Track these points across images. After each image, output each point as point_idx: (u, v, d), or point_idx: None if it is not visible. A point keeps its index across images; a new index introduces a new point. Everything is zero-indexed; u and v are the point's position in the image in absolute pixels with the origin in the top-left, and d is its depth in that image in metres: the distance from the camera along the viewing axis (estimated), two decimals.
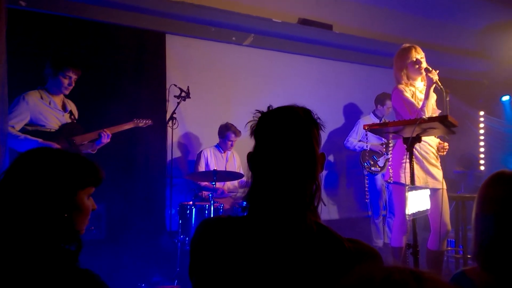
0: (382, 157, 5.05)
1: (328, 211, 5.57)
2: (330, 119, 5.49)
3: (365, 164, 5.07)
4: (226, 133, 4.53)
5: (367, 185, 5.00)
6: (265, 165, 1.07)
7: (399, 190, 3.15)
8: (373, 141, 5.08)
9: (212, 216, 3.73)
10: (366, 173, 5.08)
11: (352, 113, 5.88)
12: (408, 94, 3.15)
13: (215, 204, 3.85)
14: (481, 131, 6.43)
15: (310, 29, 5.30)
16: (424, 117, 2.64)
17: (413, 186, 2.59)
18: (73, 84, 3.40)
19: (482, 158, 6.27)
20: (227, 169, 4.56)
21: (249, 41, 5.17)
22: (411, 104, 3.10)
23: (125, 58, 4.45)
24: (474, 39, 6.62)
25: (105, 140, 3.50)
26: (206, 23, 4.81)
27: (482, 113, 6.49)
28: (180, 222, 3.91)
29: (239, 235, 1.04)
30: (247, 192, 1.10)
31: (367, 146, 5.05)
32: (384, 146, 4.98)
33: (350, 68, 5.96)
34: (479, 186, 1.37)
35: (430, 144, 3.18)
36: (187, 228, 3.89)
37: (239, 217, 1.09)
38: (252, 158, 1.11)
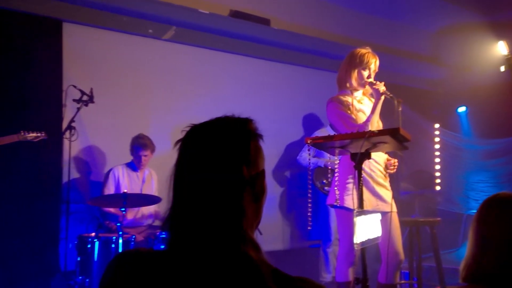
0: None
1: (265, 240, 5.57)
2: (271, 128, 5.56)
3: (318, 183, 5.11)
4: (133, 146, 4.47)
5: (310, 210, 5.04)
6: (188, 188, 1.08)
7: (343, 215, 3.18)
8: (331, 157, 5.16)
9: (121, 250, 3.68)
10: (310, 195, 5.13)
11: (310, 124, 5.96)
12: (344, 107, 3.23)
13: (124, 235, 3.77)
14: (436, 146, 6.79)
15: (244, 24, 5.34)
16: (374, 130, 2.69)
17: (362, 210, 2.61)
18: None
19: (437, 177, 6.61)
20: (143, 192, 4.53)
21: (170, 35, 5.12)
22: (346, 118, 3.18)
23: (8, 51, 4.24)
24: (428, 43, 7.03)
25: None
26: (115, 10, 4.70)
27: (437, 125, 6.87)
28: (79, 259, 3.80)
29: (159, 273, 1.03)
30: (166, 220, 1.10)
31: (324, 163, 5.11)
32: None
33: (299, 71, 6.07)
34: (434, 208, 1.61)
35: (376, 160, 3.24)
36: (88, 267, 3.79)
37: (160, 251, 1.09)
38: (174, 178, 1.11)
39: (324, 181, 5.10)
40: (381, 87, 3.12)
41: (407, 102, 4.02)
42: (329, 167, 5.09)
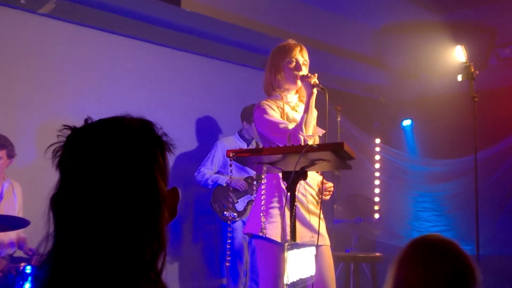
0: (243, 198, 5.16)
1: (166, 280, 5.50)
2: (181, 136, 5.52)
3: (217, 206, 5.16)
4: None
5: (229, 242, 5.08)
6: (74, 213, 1.07)
7: (264, 249, 3.20)
8: (237, 174, 5.18)
9: None
10: (229, 223, 5.15)
11: (211, 132, 6.00)
12: (274, 113, 3.27)
13: None
14: (376, 166, 7.03)
15: (147, 1, 5.32)
16: (313, 144, 2.73)
17: (294, 243, 2.63)
18: None
19: (376, 203, 6.84)
20: (2, 211, 4.43)
21: (49, 8, 5.00)
22: (276, 124, 3.21)
23: None
24: (369, 41, 7.29)
25: None
26: None
27: (378, 141, 7.10)
28: None
29: None
30: (46, 253, 1.08)
31: (226, 181, 5.16)
32: (251, 182, 5.10)
33: (211, 65, 6.13)
34: (373, 240, 1.76)
35: (309, 183, 3.30)
36: None
37: None
38: (55, 202, 1.10)
39: (225, 203, 5.15)
40: (313, 79, 3.16)
41: (343, 112, 4.15)
42: (233, 187, 5.14)
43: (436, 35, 6.13)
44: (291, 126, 3.19)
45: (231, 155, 2.74)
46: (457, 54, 4.45)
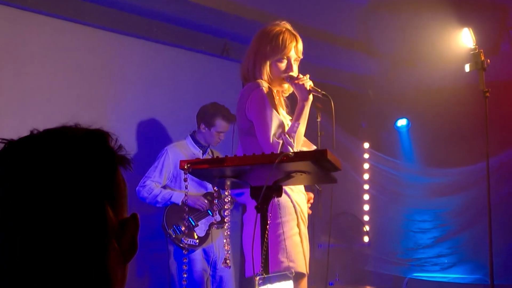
0: (204, 220, 5.11)
1: None
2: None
3: (172, 231, 5.13)
4: None
5: (185, 275, 5.03)
6: (14, 244, 1.04)
7: None
8: (193, 189, 5.12)
9: None
10: (185, 252, 5.08)
11: (158, 135, 5.97)
12: (276, 107, 3.33)
13: None
14: (365, 176, 7.02)
15: None
16: (290, 151, 2.71)
17: (266, 277, 2.63)
18: None
19: (366, 223, 6.84)
20: None
21: None
22: (279, 126, 3.24)
23: None
24: (354, 21, 7.27)
25: None
26: None
27: (366, 145, 7.09)
28: None
29: None
30: None
31: (182, 199, 5.12)
32: (211, 199, 5.06)
33: (157, 51, 6.12)
34: (362, 269, 1.71)
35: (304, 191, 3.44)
36: None
37: None
38: None
39: (183, 228, 5.11)
40: (307, 82, 3.24)
41: (323, 108, 4.16)
42: (191, 206, 5.08)
43: (437, 15, 6.09)
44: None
45: (185, 167, 2.71)
46: (464, 39, 4.42)
